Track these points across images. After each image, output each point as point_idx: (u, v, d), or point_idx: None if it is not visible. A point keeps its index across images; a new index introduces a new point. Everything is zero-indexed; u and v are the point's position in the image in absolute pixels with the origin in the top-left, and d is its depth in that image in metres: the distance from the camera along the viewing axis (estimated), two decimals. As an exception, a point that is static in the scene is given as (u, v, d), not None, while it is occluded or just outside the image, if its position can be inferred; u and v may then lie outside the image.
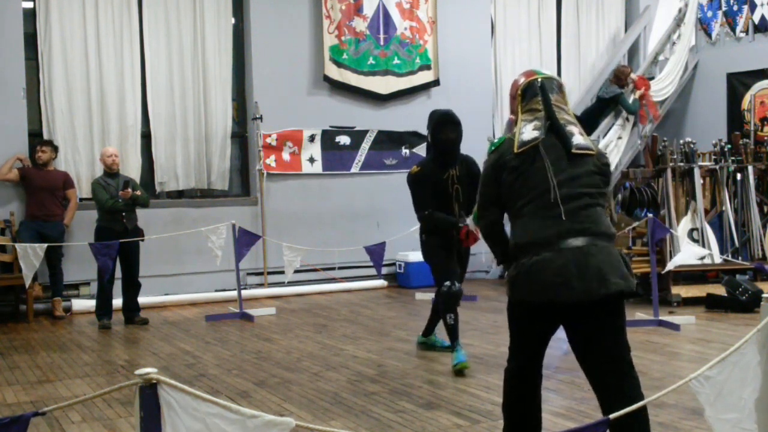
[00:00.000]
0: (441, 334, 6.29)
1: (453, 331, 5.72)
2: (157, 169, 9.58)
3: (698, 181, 8.60)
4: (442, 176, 5.77)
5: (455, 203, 5.81)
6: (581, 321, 3.22)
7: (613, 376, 3.21)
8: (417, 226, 6.09)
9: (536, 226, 3.21)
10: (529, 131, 3.29)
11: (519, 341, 3.40)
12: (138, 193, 8.07)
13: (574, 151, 3.26)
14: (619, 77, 10.74)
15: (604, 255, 3.15)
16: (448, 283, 5.67)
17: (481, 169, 3.56)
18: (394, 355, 6.29)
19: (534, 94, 3.39)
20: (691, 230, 8.47)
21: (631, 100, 10.57)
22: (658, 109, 11.28)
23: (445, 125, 5.74)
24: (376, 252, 8.28)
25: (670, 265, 7.74)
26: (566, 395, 4.93)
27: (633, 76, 10.78)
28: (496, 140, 3.52)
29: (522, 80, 3.48)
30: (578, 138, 3.30)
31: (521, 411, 3.41)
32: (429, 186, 5.76)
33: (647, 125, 10.94)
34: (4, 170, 8.51)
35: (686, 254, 7.60)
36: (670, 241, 8.22)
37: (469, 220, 5.54)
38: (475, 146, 10.88)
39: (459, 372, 5.53)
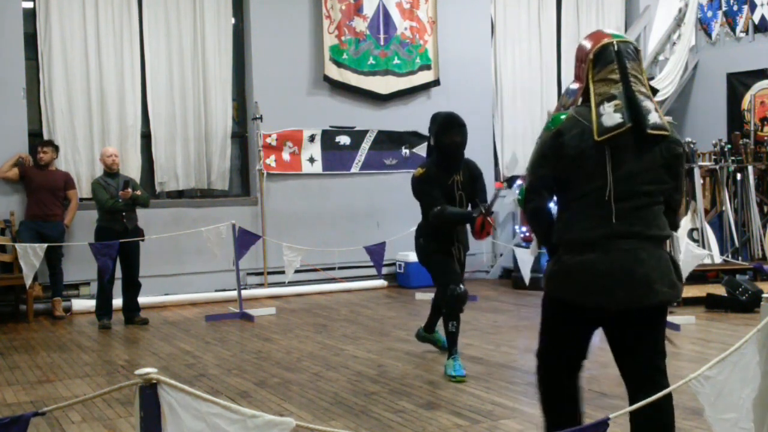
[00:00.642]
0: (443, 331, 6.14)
1: (453, 339, 5.52)
2: (157, 169, 9.58)
3: (698, 181, 8.60)
4: (446, 181, 5.54)
5: (460, 208, 5.58)
6: (621, 328, 3.07)
7: (647, 384, 3.06)
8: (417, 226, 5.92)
9: (583, 224, 2.96)
10: (610, 113, 2.90)
11: (554, 339, 3.20)
12: (138, 193, 8.07)
13: (649, 131, 2.90)
14: None
15: (654, 261, 2.93)
16: (453, 286, 5.41)
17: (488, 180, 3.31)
18: (394, 355, 6.29)
19: (609, 60, 2.97)
20: (691, 230, 8.47)
21: None
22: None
23: (451, 128, 5.48)
24: (376, 252, 8.28)
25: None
26: (566, 395, 4.91)
27: None
28: (555, 115, 3.15)
29: (589, 44, 3.05)
30: (654, 116, 2.92)
31: (560, 408, 3.22)
32: (437, 184, 5.48)
33: None
34: (5, 168, 8.52)
35: (688, 257, 7.58)
36: (670, 241, 8.21)
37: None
38: (475, 147, 10.94)
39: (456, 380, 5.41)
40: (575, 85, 3.16)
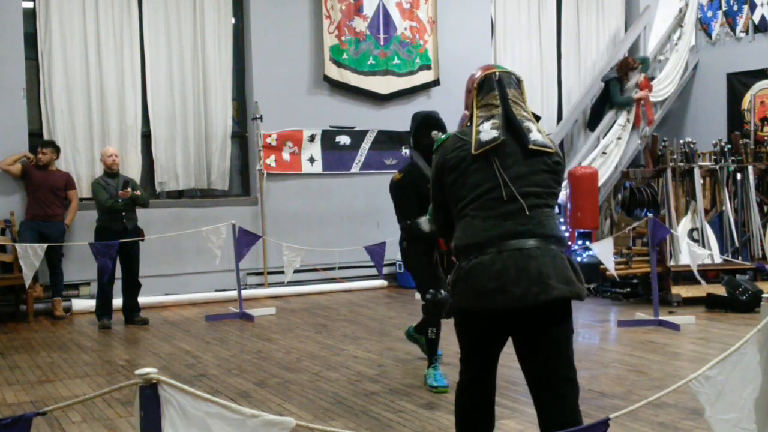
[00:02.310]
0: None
1: (433, 347, 5.35)
2: (157, 169, 9.58)
3: (698, 181, 8.60)
4: (426, 183, 5.39)
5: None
6: (522, 329, 3.00)
7: (547, 392, 2.98)
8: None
9: (476, 228, 3.00)
10: (487, 130, 3.05)
11: (467, 351, 3.16)
12: (138, 193, 8.07)
13: (531, 147, 3.03)
14: (621, 66, 10.79)
15: (547, 258, 2.93)
16: (432, 291, 5.22)
17: None
18: (394, 355, 6.29)
19: (490, 88, 3.15)
20: (691, 230, 8.47)
21: (623, 95, 10.62)
22: (654, 113, 11.31)
23: (429, 128, 5.34)
24: (376, 252, 8.28)
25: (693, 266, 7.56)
26: (566, 395, 4.92)
27: (640, 76, 10.81)
28: (438, 138, 3.29)
29: (479, 74, 3.24)
30: (535, 134, 3.06)
31: (475, 424, 3.17)
32: (412, 193, 5.33)
33: (642, 128, 10.96)
34: (9, 161, 8.51)
35: (691, 256, 7.57)
36: (670, 241, 8.22)
37: (424, 219, 5.19)
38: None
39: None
40: (465, 114, 3.32)
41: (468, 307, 3.03)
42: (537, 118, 3.22)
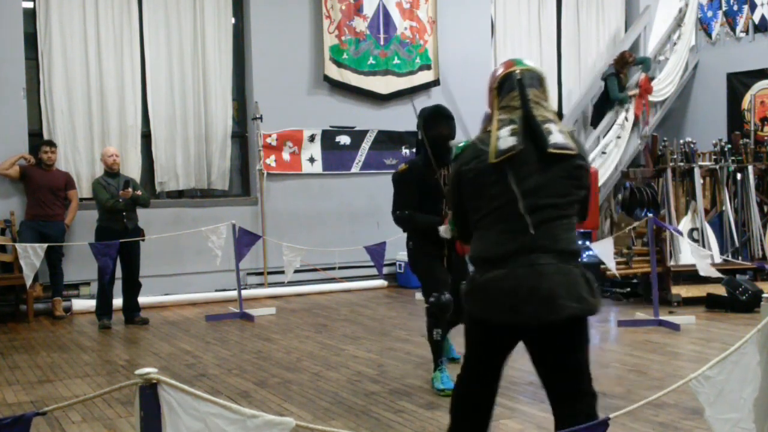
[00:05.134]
0: (454, 340, 5.81)
1: (438, 349, 5.28)
2: (157, 169, 9.58)
3: (698, 181, 8.60)
4: (431, 177, 5.36)
5: (445, 205, 5.34)
6: (535, 343, 3.01)
7: (566, 403, 3.00)
8: None
9: (491, 241, 2.98)
10: (505, 137, 2.96)
11: (474, 357, 3.16)
12: (138, 192, 8.07)
13: (550, 150, 2.93)
14: (618, 61, 10.83)
15: (560, 276, 2.88)
16: (435, 294, 5.18)
17: None
18: (394, 355, 6.29)
19: (511, 88, 3.06)
20: (691, 230, 8.47)
21: (622, 92, 10.66)
22: (653, 113, 11.35)
23: (438, 120, 5.37)
24: (376, 252, 8.28)
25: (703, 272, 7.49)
26: (566, 395, 4.92)
27: (641, 76, 10.85)
28: (458, 146, 3.22)
29: (500, 71, 3.14)
30: (557, 136, 2.96)
31: (471, 424, 3.18)
32: (414, 187, 5.34)
33: (642, 128, 10.99)
34: (6, 165, 8.51)
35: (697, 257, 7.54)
36: (671, 241, 8.22)
37: (443, 228, 5.09)
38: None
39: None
40: (487, 112, 3.23)
41: (481, 318, 3.02)
42: (559, 117, 3.14)
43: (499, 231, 2.97)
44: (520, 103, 3.02)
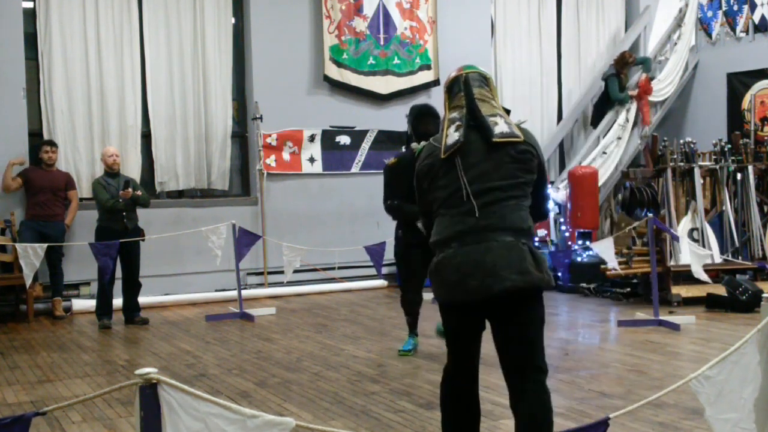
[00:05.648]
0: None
1: (411, 327, 6.34)
2: (157, 169, 9.58)
3: (698, 181, 8.60)
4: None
5: None
6: (491, 319, 3.18)
7: (517, 376, 3.15)
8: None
9: (444, 225, 3.19)
10: (452, 134, 3.21)
11: (448, 339, 3.35)
12: (138, 193, 8.07)
13: (496, 140, 3.14)
14: (618, 61, 10.86)
15: (504, 250, 3.05)
16: (410, 294, 6.18)
17: None
18: (394, 355, 6.29)
19: (458, 89, 3.32)
20: (691, 230, 8.47)
21: (623, 92, 10.69)
22: (653, 114, 11.36)
23: (425, 117, 5.88)
24: (376, 252, 8.28)
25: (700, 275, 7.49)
26: (566, 395, 4.93)
27: (641, 76, 10.86)
28: (417, 148, 3.52)
29: (452, 75, 3.42)
30: (501, 126, 3.18)
31: (457, 410, 3.32)
32: (404, 179, 5.61)
33: (642, 128, 11.00)
34: (8, 182, 8.44)
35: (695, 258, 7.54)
36: (670, 241, 8.22)
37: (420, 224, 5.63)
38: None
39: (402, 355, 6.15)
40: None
41: (440, 299, 3.23)
42: (507, 112, 3.37)
43: (451, 215, 3.18)
44: (464, 102, 3.27)
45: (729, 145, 8.91)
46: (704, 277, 7.36)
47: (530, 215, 3.22)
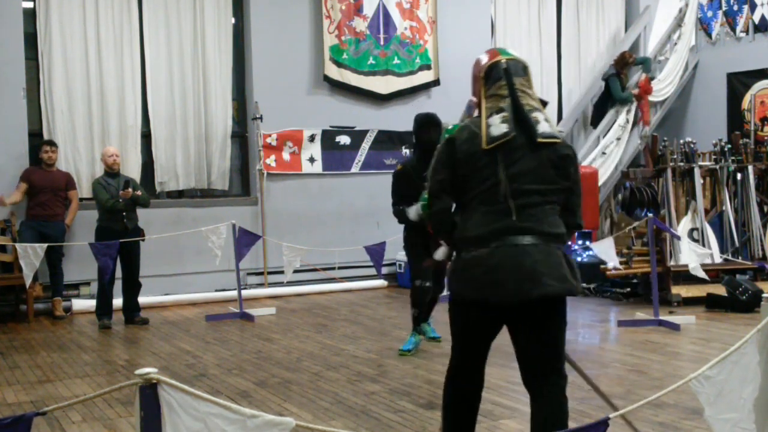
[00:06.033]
0: (433, 324, 6.74)
1: (415, 322, 6.38)
2: (157, 169, 9.58)
3: (698, 181, 8.60)
4: (417, 178, 5.87)
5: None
6: (517, 321, 3.13)
7: (538, 380, 3.15)
8: None
9: (479, 221, 3.07)
10: (497, 124, 3.07)
11: (459, 339, 3.25)
12: (138, 193, 8.07)
13: (539, 140, 3.06)
14: (618, 61, 10.87)
15: (543, 255, 3.01)
16: (418, 281, 6.19)
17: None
18: (394, 355, 6.29)
19: (498, 77, 3.15)
20: (691, 230, 8.47)
21: (624, 92, 10.70)
22: (653, 114, 11.37)
23: (428, 126, 6.12)
24: (376, 252, 8.28)
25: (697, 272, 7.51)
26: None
27: (641, 76, 10.86)
28: (450, 126, 3.32)
29: (485, 60, 3.23)
30: (544, 126, 3.10)
31: (461, 412, 3.28)
32: (410, 184, 6.03)
33: (642, 128, 11.00)
34: (14, 198, 8.35)
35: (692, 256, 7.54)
36: (670, 241, 8.22)
37: (413, 208, 5.88)
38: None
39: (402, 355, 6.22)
40: (471, 100, 3.35)
41: (464, 297, 3.12)
42: (544, 104, 3.25)
43: (484, 212, 3.07)
44: (507, 92, 3.12)
45: (729, 145, 8.91)
46: (702, 274, 7.37)
47: (564, 223, 3.17)
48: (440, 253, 3.49)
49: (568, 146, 3.20)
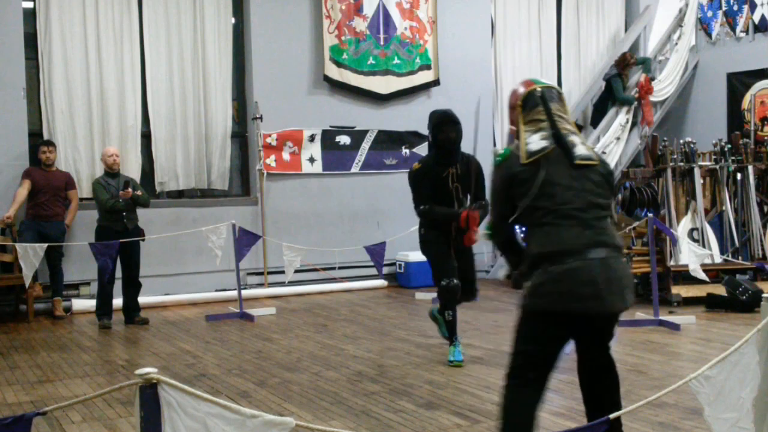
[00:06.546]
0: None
1: (452, 328, 5.90)
2: (157, 169, 9.58)
3: (698, 180, 8.60)
4: (442, 173, 5.88)
5: (455, 200, 5.92)
6: (591, 331, 3.30)
7: (604, 366, 3.41)
8: (417, 225, 6.14)
9: (561, 235, 3.15)
10: (536, 141, 3.25)
11: (531, 354, 3.23)
12: (138, 193, 8.08)
13: (577, 162, 3.23)
14: (619, 62, 10.89)
15: (623, 269, 3.21)
16: (445, 280, 5.82)
17: (487, 179, 3.53)
18: (394, 355, 6.29)
19: (535, 104, 3.34)
20: (691, 230, 8.47)
21: (625, 92, 10.72)
22: (654, 113, 11.37)
23: (445, 125, 5.87)
24: (376, 252, 8.29)
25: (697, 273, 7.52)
26: (566, 395, 4.92)
27: (641, 76, 10.87)
28: (501, 152, 3.41)
29: (521, 90, 3.42)
30: (581, 149, 3.28)
31: (525, 421, 3.24)
32: (429, 182, 5.88)
33: (642, 128, 11.01)
34: (20, 197, 8.34)
35: (692, 257, 7.54)
36: (670, 241, 8.22)
37: (481, 232, 5.45)
38: (477, 146, 10.96)
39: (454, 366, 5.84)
40: (511, 129, 3.52)
41: (557, 309, 3.13)
42: (579, 128, 3.46)
43: (567, 226, 3.17)
44: (545, 116, 3.32)
45: (729, 145, 8.91)
46: (702, 275, 7.37)
47: None
48: (502, 272, 3.68)
49: (606, 165, 3.38)
